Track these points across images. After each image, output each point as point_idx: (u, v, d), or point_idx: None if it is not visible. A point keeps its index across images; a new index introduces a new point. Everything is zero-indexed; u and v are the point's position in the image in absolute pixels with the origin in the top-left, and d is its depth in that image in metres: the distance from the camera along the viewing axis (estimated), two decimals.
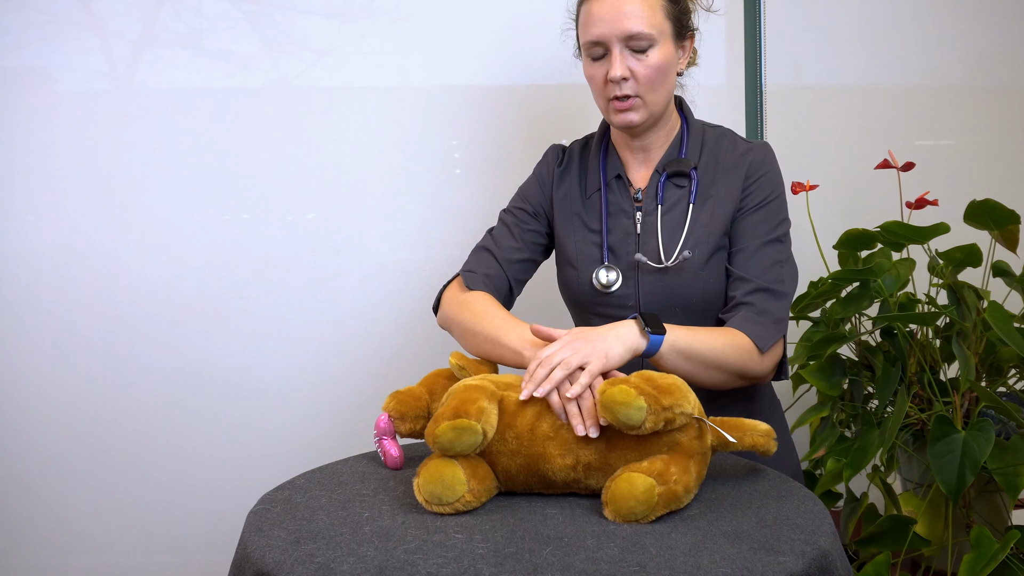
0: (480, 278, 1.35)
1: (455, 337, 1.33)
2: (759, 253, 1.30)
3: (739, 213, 1.31)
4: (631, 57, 1.26)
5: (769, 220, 1.31)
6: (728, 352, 1.21)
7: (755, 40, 1.93)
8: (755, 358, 1.23)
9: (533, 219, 1.42)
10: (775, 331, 1.26)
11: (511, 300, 1.40)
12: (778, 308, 1.27)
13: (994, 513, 1.44)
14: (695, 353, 1.18)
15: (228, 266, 1.87)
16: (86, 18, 1.83)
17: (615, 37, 1.25)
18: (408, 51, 1.88)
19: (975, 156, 1.98)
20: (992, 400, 1.30)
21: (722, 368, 1.21)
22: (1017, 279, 1.47)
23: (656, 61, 1.26)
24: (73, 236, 1.84)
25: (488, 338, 1.23)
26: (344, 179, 1.88)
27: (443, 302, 1.37)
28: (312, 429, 1.90)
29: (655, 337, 1.14)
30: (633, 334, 1.13)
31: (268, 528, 0.96)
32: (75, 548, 1.88)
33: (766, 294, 1.27)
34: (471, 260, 1.40)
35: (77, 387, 1.86)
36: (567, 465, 1.02)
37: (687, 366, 1.18)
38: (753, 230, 1.31)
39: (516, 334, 1.20)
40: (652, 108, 1.30)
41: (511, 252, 1.39)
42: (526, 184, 1.45)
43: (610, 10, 1.25)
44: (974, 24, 1.98)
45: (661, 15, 1.26)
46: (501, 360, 1.22)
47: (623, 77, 1.25)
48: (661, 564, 0.85)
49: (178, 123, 1.85)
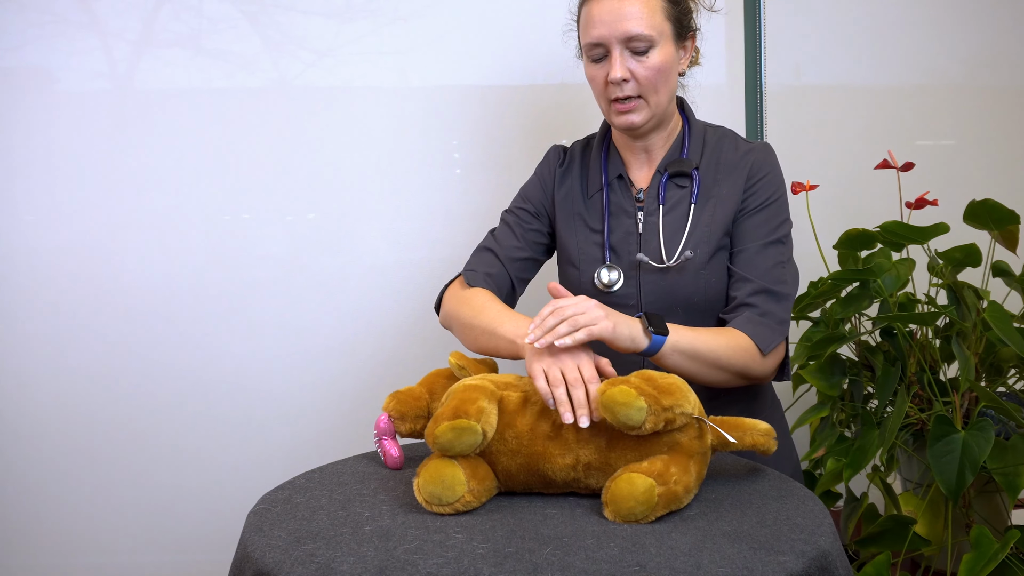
0: (481, 276, 1.35)
1: (455, 334, 1.33)
2: (761, 254, 1.30)
3: (740, 214, 1.31)
4: (631, 58, 1.26)
5: (771, 221, 1.31)
6: (730, 353, 1.21)
7: (755, 40, 1.93)
8: (757, 359, 1.24)
9: (535, 219, 1.42)
10: (778, 333, 1.26)
11: (513, 299, 1.40)
12: (780, 309, 1.28)
13: (994, 513, 1.44)
14: (697, 353, 1.18)
15: (228, 266, 1.87)
16: (86, 18, 1.83)
17: (615, 39, 1.25)
18: (408, 51, 1.88)
19: (975, 156, 1.98)
20: (992, 400, 1.30)
21: (724, 368, 1.21)
22: (1017, 279, 1.47)
23: (656, 62, 1.26)
24: (73, 236, 1.84)
25: (485, 330, 1.24)
26: (344, 179, 1.88)
27: (444, 300, 1.37)
28: (312, 429, 1.90)
29: (657, 338, 1.15)
30: (639, 331, 1.15)
31: (268, 528, 0.96)
32: (75, 548, 1.88)
33: (768, 295, 1.27)
34: (472, 260, 1.40)
35: (77, 387, 1.86)
36: (567, 465, 1.02)
37: (689, 365, 1.19)
38: (755, 231, 1.31)
39: (512, 324, 1.20)
40: (654, 109, 1.30)
41: (513, 251, 1.39)
42: (527, 184, 1.46)
43: (610, 12, 1.25)
44: (974, 24, 1.98)
45: (661, 16, 1.26)
46: (497, 351, 1.22)
47: (623, 79, 1.26)
48: (661, 564, 0.85)
49: (178, 123, 1.85)
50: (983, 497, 1.44)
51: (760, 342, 1.23)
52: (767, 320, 1.26)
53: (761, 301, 1.27)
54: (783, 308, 1.28)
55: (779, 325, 1.27)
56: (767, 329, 1.25)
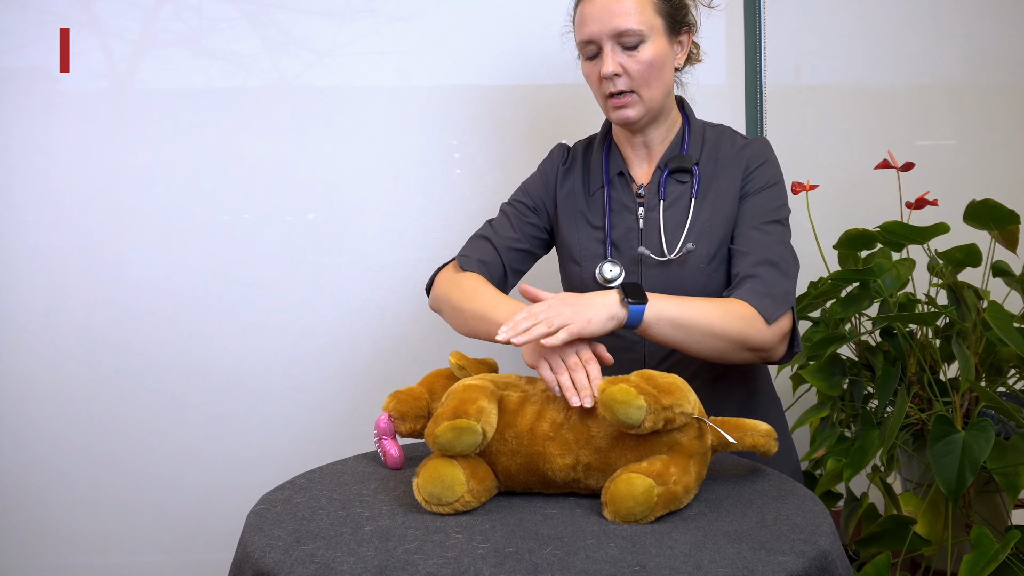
0: (475, 262, 1.36)
1: (444, 317, 1.33)
2: (762, 231, 1.29)
3: (740, 199, 1.32)
4: (622, 54, 1.28)
5: (770, 202, 1.31)
6: (724, 320, 1.17)
7: (755, 40, 1.93)
8: (757, 327, 1.20)
9: (533, 213, 1.42)
10: (781, 303, 1.22)
11: (505, 288, 1.40)
12: (784, 281, 1.25)
13: (994, 513, 1.44)
14: (686, 322, 1.15)
15: (228, 266, 1.87)
16: (86, 18, 1.83)
17: (605, 35, 1.27)
18: (408, 51, 1.88)
19: (975, 156, 1.98)
20: (992, 400, 1.30)
21: (719, 336, 1.17)
22: (1017, 279, 1.47)
23: (648, 57, 1.27)
24: (73, 236, 1.84)
25: (476, 314, 1.24)
26: (344, 179, 1.88)
27: (435, 283, 1.37)
28: (312, 429, 1.90)
29: (635, 307, 1.13)
30: (615, 302, 1.13)
31: (268, 528, 0.96)
32: (75, 548, 1.88)
33: (771, 267, 1.25)
34: (467, 246, 1.41)
35: (77, 387, 1.86)
36: (567, 465, 1.02)
37: (680, 335, 1.16)
38: (755, 210, 1.31)
39: (505, 309, 1.20)
40: (649, 104, 1.31)
41: (509, 241, 1.40)
42: (530, 180, 1.46)
43: (600, 9, 1.27)
44: (974, 24, 1.98)
45: (651, 11, 1.28)
46: (488, 336, 1.22)
47: (615, 73, 1.27)
48: (661, 564, 0.85)
49: (178, 123, 1.85)
50: (983, 497, 1.44)
51: (763, 311, 1.20)
52: (770, 290, 1.23)
53: (764, 272, 1.25)
54: (786, 281, 1.25)
55: (783, 296, 1.23)
56: (770, 299, 1.22)
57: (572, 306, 1.12)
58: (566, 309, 1.11)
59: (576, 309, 1.11)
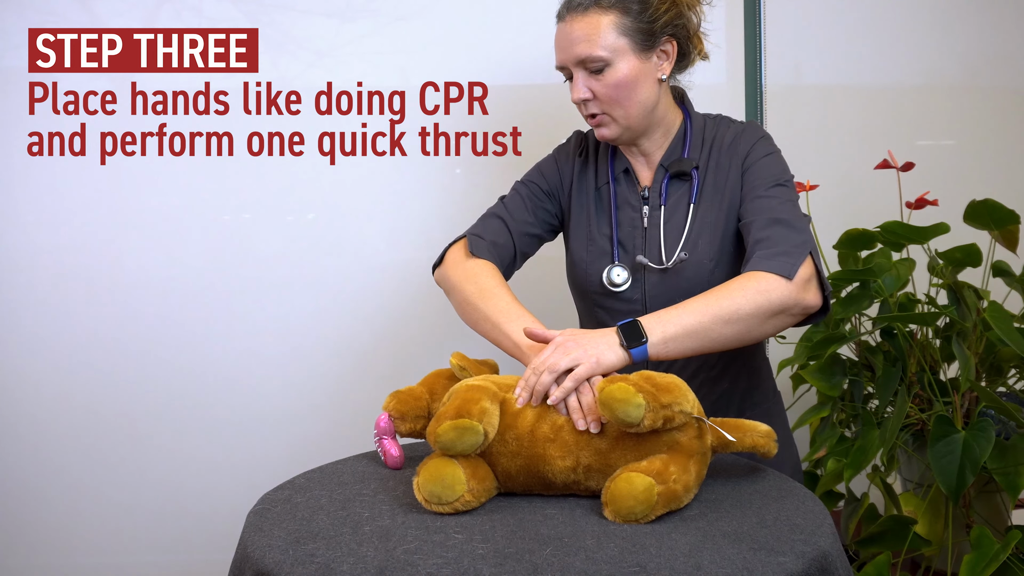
0: (487, 245, 1.35)
1: (451, 301, 1.33)
2: (765, 196, 1.27)
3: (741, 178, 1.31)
4: (590, 78, 1.28)
5: (769, 169, 1.30)
6: (731, 302, 1.14)
7: (755, 40, 1.93)
8: (772, 288, 1.15)
9: (548, 198, 1.42)
10: (796, 255, 1.18)
11: (512, 271, 1.40)
12: (794, 235, 1.20)
13: (994, 513, 1.44)
14: (693, 327, 1.13)
15: (228, 266, 1.87)
16: (86, 18, 1.83)
17: (570, 62, 1.29)
18: (408, 51, 1.88)
19: (975, 156, 1.98)
20: (992, 400, 1.30)
21: (734, 320, 1.13)
22: (1017, 279, 1.47)
23: (614, 80, 1.27)
24: (73, 236, 1.84)
25: (488, 319, 1.23)
26: (344, 179, 1.88)
27: (446, 263, 1.36)
28: (312, 429, 1.90)
29: (636, 351, 1.11)
30: (617, 344, 1.11)
31: (268, 528, 0.96)
32: (75, 548, 1.88)
33: (779, 225, 1.22)
34: (480, 225, 1.39)
35: (77, 387, 1.86)
36: (567, 467, 1.02)
37: (696, 342, 1.13)
38: (755, 180, 1.29)
39: (518, 324, 1.19)
40: (623, 123, 1.30)
41: (523, 225, 1.39)
42: (545, 162, 1.45)
43: (564, 38, 1.29)
44: (974, 24, 1.98)
45: (613, 34, 1.26)
46: (496, 343, 1.22)
47: (584, 99, 1.29)
48: (661, 564, 0.85)
49: (178, 122, 1.85)
50: (983, 497, 1.44)
51: (779, 270, 1.15)
52: (781, 247, 1.19)
53: (772, 232, 1.21)
54: (797, 233, 1.21)
55: (796, 247, 1.18)
56: (783, 255, 1.17)
57: (580, 345, 1.10)
58: (575, 348, 1.09)
59: (584, 348, 1.10)
